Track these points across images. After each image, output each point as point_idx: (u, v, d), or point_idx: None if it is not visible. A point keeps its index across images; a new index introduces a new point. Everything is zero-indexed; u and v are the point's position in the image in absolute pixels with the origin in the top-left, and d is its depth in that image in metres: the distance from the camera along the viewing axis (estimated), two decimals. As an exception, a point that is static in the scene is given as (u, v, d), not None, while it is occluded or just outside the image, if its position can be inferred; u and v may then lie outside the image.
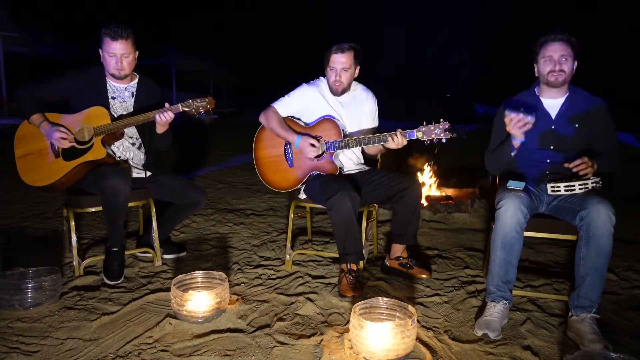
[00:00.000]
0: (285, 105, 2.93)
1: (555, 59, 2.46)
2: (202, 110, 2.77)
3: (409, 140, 2.67)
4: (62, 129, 2.74)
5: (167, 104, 2.77)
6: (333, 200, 2.58)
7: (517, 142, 2.44)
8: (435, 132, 2.59)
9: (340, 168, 2.88)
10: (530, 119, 2.31)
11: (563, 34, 2.47)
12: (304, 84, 3.00)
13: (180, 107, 2.77)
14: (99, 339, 2.15)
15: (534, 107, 2.52)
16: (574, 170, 2.30)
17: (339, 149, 2.79)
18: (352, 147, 2.78)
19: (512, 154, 2.49)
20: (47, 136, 2.77)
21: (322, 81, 3.00)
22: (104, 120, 2.77)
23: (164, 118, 2.75)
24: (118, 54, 2.77)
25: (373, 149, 2.99)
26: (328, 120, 2.86)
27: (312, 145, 2.78)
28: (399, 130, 2.65)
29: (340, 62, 2.82)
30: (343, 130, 2.85)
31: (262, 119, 2.96)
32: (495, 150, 2.61)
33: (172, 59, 20.40)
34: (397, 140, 2.65)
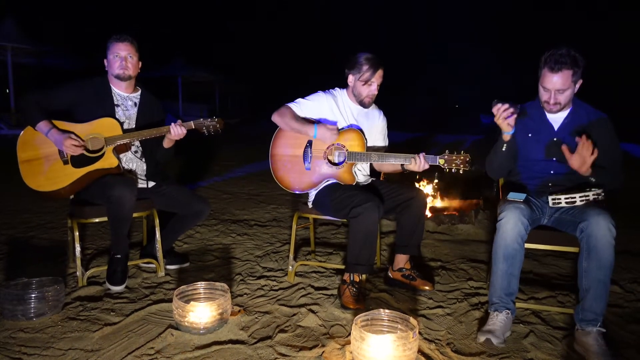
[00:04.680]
0: (301, 106, 2.90)
1: (551, 93, 2.44)
2: (212, 130, 2.91)
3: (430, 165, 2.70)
4: (73, 136, 2.76)
5: (179, 120, 2.88)
6: (361, 209, 2.57)
7: (507, 136, 2.47)
8: (456, 162, 2.66)
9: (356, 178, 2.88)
10: (514, 109, 2.36)
11: (565, 61, 2.34)
12: (320, 92, 2.98)
13: (192, 124, 2.90)
14: (100, 349, 2.15)
15: (519, 107, 2.52)
16: (580, 145, 2.30)
17: (361, 161, 2.80)
18: (374, 161, 2.78)
19: (503, 148, 2.51)
20: (56, 143, 2.77)
21: (338, 92, 2.99)
22: (115, 131, 2.83)
23: (177, 132, 2.85)
24: (123, 54, 2.88)
25: (391, 167, 2.96)
26: (354, 130, 2.84)
27: (331, 130, 2.78)
28: (423, 153, 2.68)
29: (380, 76, 2.85)
30: (366, 143, 2.84)
31: (275, 117, 2.89)
32: (490, 151, 2.63)
33: (178, 69, 20.59)
34: (419, 163, 2.67)
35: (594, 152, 2.27)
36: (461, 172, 2.67)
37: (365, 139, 2.85)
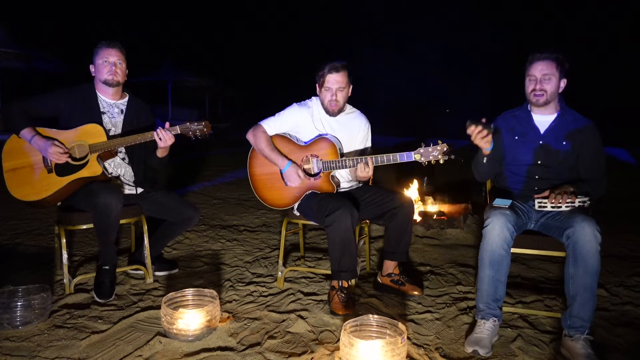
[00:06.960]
0: (274, 125, 2.92)
1: (537, 78, 2.49)
2: (198, 134, 2.81)
3: (407, 163, 2.66)
4: (58, 143, 2.74)
5: (167, 124, 2.81)
6: (333, 217, 2.57)
7: (487, 151, 2.49)
8: (433, 154, 2.59)
9: (337, 186, 2.88)
10: (488, 130, 2.36)
11: (550, 51, 2.48)
12: (295, 104, 2.98)
13: (178, 129, 2.81)
14: (87, 358, 2.13)
15: (493, 121, 2.55)
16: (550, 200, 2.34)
17: (336, 168, 2.79)
18: (349, 167, 2.76)
19: (484, 161, 2.54)
20: (40, 150, 2.75)
21: (313, 102, 2.98)
22: (99, 137, 2.79)
23: (164, 137, 2.78)
24: (112, 60, 2.85)
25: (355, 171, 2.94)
26: (324, 139, 2.84)
27: (299, 176, 2.80)
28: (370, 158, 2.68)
29: (336, 81, 2.81)
30: (340, 149, 2.84)
31: (249, 137, 2.93)
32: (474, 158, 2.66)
33: (168, 74, 20.49)
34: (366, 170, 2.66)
35: (566, 195, 2.33)
36: (441, 162, 2.60)
37: (340, 146, 2.84)
